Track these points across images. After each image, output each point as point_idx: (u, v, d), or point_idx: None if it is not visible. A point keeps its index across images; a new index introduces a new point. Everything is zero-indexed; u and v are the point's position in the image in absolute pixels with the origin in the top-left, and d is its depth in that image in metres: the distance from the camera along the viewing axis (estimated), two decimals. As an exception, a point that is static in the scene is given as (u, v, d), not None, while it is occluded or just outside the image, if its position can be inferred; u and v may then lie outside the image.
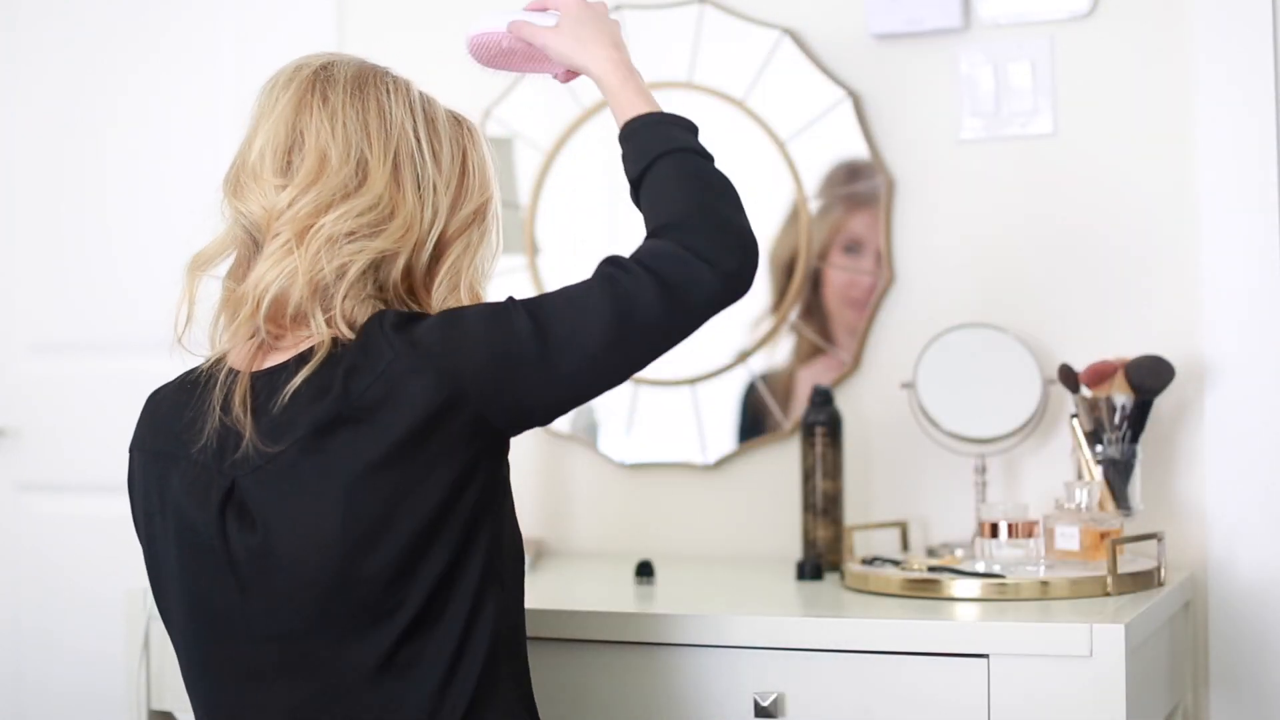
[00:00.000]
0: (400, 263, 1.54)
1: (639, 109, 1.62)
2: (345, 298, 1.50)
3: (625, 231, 2.58)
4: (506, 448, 1.54)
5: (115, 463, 2.85)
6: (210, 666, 1.55)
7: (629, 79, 1.64)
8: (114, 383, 2.90)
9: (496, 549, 1.53)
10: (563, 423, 2.57)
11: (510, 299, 1.51)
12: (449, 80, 1.74)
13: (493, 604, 1.52)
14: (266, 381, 1.51)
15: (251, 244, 1.56)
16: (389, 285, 1.55)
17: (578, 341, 1.48)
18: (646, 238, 1.55)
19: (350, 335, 1.49)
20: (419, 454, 1.46)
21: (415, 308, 1.56)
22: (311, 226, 1.50)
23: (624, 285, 1.49)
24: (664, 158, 1.58)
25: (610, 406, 2.56)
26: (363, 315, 1.51)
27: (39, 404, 3.01)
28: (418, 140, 1.56)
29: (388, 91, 1.57)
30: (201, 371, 1.58)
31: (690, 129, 1.63)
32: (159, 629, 2.12)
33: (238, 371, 1.53)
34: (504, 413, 1.49)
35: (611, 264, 1.52)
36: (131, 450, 1.61)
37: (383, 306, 1.53)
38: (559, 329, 1.48)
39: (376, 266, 1.53)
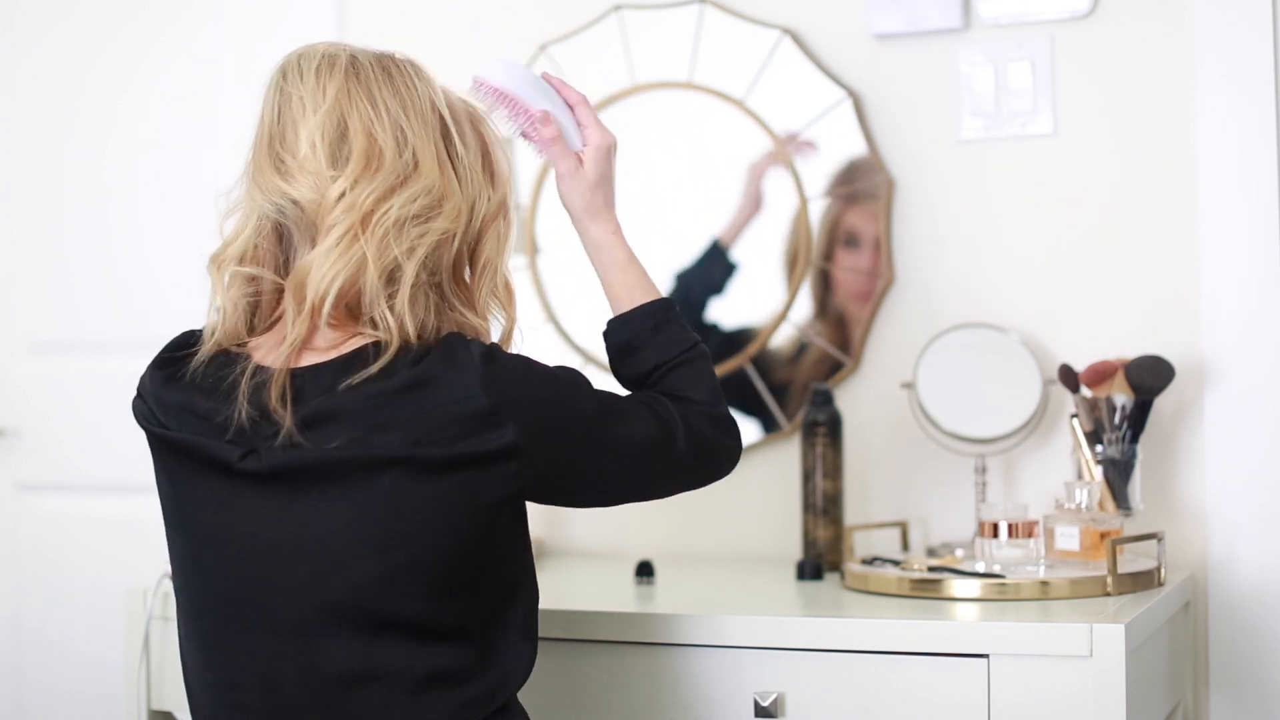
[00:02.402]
0: (454, 246, 1.56)
1: (647, 293, 1.71)
2: (412, 285, 1.50)
3: (625, 231, 2.57)
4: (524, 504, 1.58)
5: (115, 463, 2.88)
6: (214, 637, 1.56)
7: (632, 259, 1.73)
8: (114, 383, 2.89)
9: (512, 598, 1.55)
10: (563, 423, 2.57)
11: (579, 374, 1.56)
12: (448, 80, 1.74)
13: (504, 648, 1.54)
14: (309, 378, 1.50)
15: (279, 232, 1.54)
16: (441, 270, 1.55)
17: (622, 438, 1.56)
18: (675, 400, 1.63)
19: (411, 332, 1.49)
20: (460, 479, 1.47)
21: (464, 297, 1.58)
22: (374, 213, 1.50)
23: (670, 424, 1.59)
24: (693, 349, 1.69)
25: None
26: (419, 307, 1.51)
27: (39, 404, 3.01)
28: (450, 127, 1.58)
29: (414, 78, 1.58)
30: (215, 360, 1.56)
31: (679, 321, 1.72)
32: (159, 629, 2.12)
33: (270, 368, 1.51)
34: (540, 477, 1.52)
35: (655, 400, 1.61)
36: (137, 410, 1.60)
37: (436, 297, 1.54)
38: (614, 421, 1.55)
39: (433, 249, 1.54)
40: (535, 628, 1.60)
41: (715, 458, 1.64)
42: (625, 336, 1.69)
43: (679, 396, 1.64)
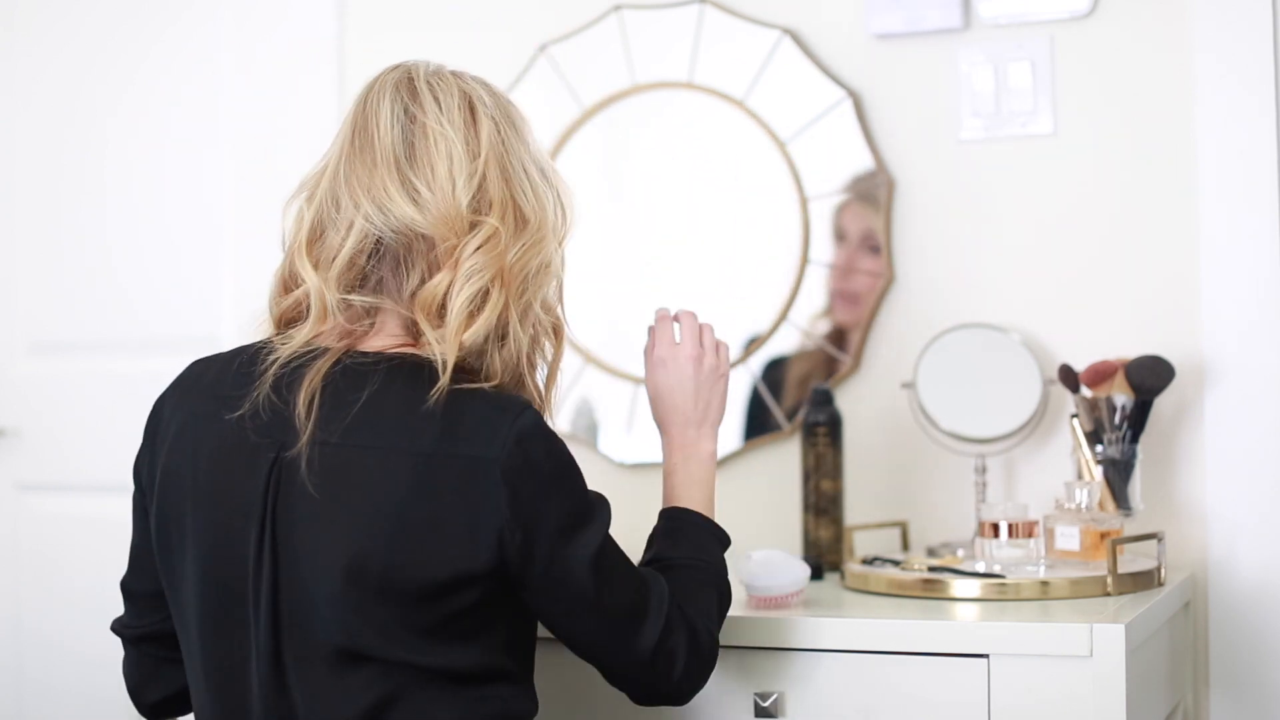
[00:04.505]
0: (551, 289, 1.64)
1: (694, 501, 1.77)
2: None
3: (625, 231, 2.58)
4: None
5: (115, 463, 2.87)
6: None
7: (689, 462, 1.78)
8: (114, 383, 2.90)
9: (502, 641, 1.55)
10: (563, 422, 2.57)
11: (604, 526, 1.57)
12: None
13: (497, 693, 1.54)
14: (352, 370, 1.51)
15: (382, 247, 1.54)
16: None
17: (593, 604, 1.54)
18: (685, 610, 1.62)
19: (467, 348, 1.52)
20: (452, 530, 1.47)
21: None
22: (514, 267, 1.54)
23: (665, 621, 1.58)
24: (713, 565, 1.71)
25: (610, 406, 2.56)
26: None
27: (39, 404, 3.01)
28: (551, 178, 1.63)
29: (527, 125, 1.62)
30: (264, 348, 1.57)
31: (725, 544, 1.75)
32: (159, 629, 2.12)
33: (325, 349, 1.53)
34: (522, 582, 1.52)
35: (672, 616, 1.59)
36: (163, 404, 1.61)
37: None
38: (608, 590, 1.55)
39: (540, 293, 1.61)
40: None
41: (679, 686, 1.61)
42: (673, 541, 1.72)
43: (688, 611, 1.62)
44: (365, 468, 1.47)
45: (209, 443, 1.54)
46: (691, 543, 1.71)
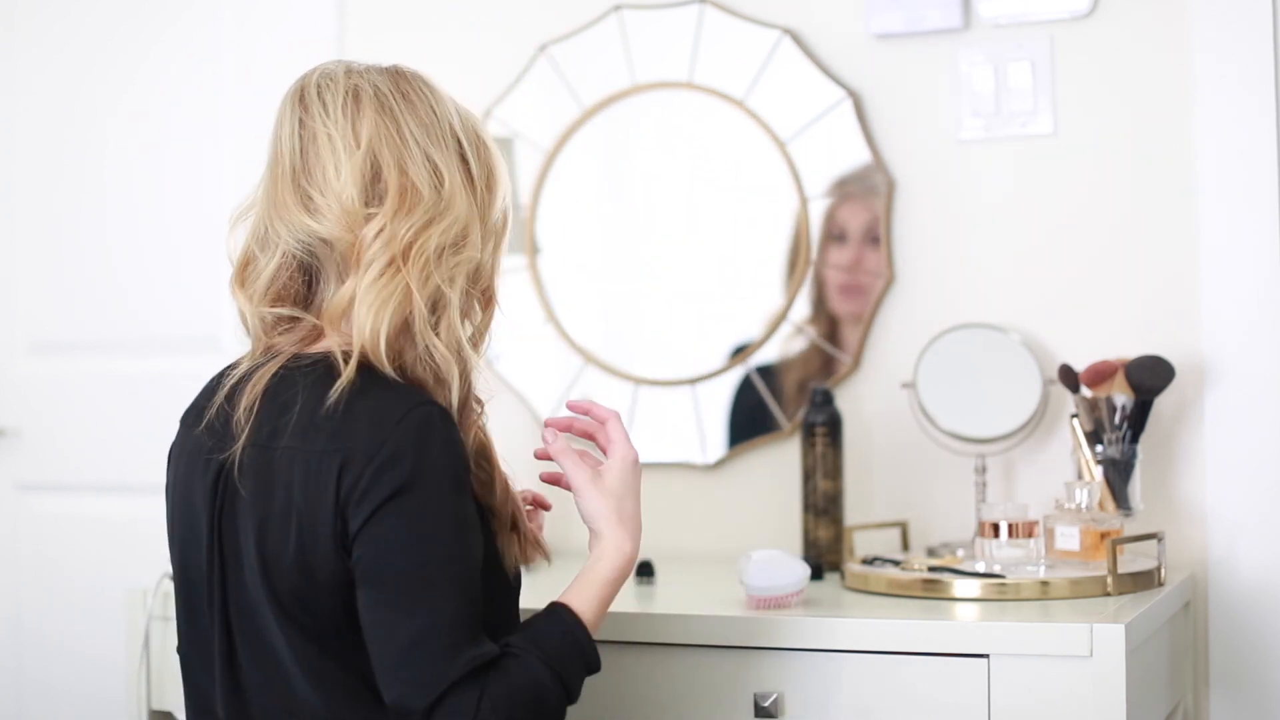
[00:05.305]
0: (474, 268, 1.58)
1: (589, 609, 1.60)
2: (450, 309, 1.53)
3: (625, 231, 2.58)
4: None
5: (115, 463, 2.88)
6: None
7: (609, 586, 1.63)
8: (114, 383, 2.90)
9: None
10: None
11: (453, 530, 1.47)
12: (447, 80, 1.74)
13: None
14: (290, 374, 1.52)
15: (303, 265, 1.55)
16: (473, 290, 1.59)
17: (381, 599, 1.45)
18: (514, 685, 1.48)
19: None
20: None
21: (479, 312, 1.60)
22: (412, 245, 1.51)
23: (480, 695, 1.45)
24: (564, 680, 1.53)
25: (610, 406, 2.55)
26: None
27: (39, 404, 3.01)
28: (466, 148, 1.59)
29: (432, 99, 1.58)
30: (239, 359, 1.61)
31: (591, 669, 1.58)
32: (159, 629, 2.12)
33: (275, 355, 1.54)
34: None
35: (480, 648, 1.47)
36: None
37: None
38: (393, 587, 1.45)
39: (470, 275, 1.57)
40: None
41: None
42: (546, 637, 1.57)
43: (522, 689, 1.48)
44: (277, 469, 1.48)
45: (184, 454, 1.58)
46: (569, 653, 1.55)
